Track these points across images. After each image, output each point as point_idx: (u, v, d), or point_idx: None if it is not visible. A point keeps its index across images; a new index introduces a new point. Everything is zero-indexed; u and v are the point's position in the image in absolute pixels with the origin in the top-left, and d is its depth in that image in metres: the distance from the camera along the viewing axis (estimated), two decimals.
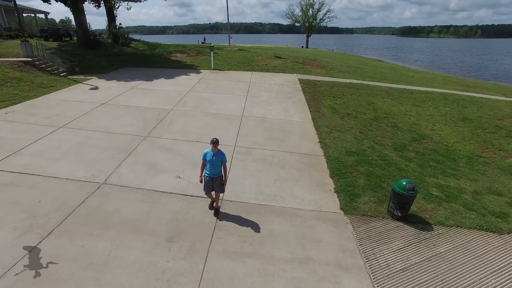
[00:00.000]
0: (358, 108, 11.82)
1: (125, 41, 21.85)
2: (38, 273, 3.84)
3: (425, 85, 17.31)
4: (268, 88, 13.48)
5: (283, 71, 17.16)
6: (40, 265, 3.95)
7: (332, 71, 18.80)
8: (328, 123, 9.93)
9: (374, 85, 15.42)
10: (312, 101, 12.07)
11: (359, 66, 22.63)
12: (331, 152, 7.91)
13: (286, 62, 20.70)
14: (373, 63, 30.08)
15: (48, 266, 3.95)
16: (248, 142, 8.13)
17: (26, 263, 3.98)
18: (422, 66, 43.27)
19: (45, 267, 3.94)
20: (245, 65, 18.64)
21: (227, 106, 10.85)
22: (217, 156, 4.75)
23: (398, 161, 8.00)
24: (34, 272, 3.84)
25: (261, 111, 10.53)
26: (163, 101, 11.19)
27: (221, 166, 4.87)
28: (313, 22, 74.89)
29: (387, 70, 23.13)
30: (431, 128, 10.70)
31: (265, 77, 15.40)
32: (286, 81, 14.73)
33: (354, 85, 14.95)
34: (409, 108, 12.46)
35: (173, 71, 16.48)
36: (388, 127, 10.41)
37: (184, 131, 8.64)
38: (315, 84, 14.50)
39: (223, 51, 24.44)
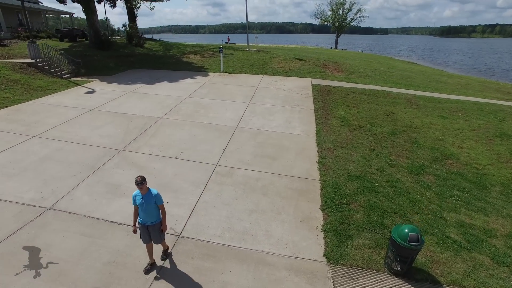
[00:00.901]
0: (373, 120, 10.50)
1: (139, 41, 21.58)
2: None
3: (458, 92, 15.50)
4: (275, 94, 12.43)
5: (297, 75, 16.02)
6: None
7: (352, 75, 17.39)
8: (334, 138, 8.74)
9: (397, 92, 13.92)
10: (322, 110, 10.88)
11: (384, 70, 20.97)
12: (329, 176, 6.76)
13: (304, 64, 19.51)
14: (402, 66, 28.07)
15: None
16: (233, 160, 7.15)
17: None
18: (459, 69, 40.22)
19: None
20: (258, 67, 17.67)
21: (224, 115, 9.94)
22: (148, 199, 3.73)
23: (411, 188, 6.71)
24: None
25: (260, 122, 9.52)
26: (156, 108, 10.47)
27: (158, 209, 3.90)
28: (343, 22, 72.84)
29: (415, 74, 21.28)
30: (458, 146, 9.21)
31: (275, 82, 14.35)
32: (297, 87, 13.60)
33: (373, 92, 13.54)
34: (435, 120, 10.95)
35: (180, 73, 15.83)
36: (406, 144, 9.05)
37: (166, 144, 7.81)
38: (329, 91, 13.26)
39: (239, 52, 23.63)
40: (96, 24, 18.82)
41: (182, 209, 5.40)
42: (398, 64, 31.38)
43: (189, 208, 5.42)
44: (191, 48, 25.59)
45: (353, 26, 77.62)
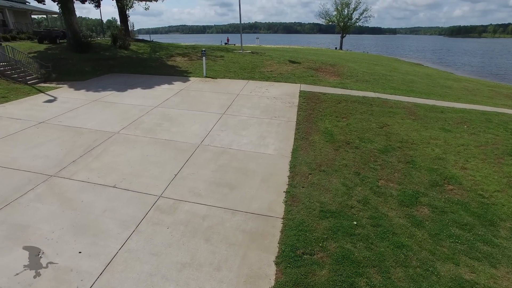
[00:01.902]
0: (364, 133, 9.25)
1: (124, 43, 20.56)
2: None
3: (464, 99, 14.14)
4: (255, 103, 11.24)
5: (286, 80, 14.81)
6: None
7: (348, 79, 16.13)
8: (312, 158, 7.51)
9: (395, 99, 12.62)
10: (305, 122, 9.66)
11: (385, 73, 19.64)
12: (296, 212, 5.54)
13: (297, 68, 18.29)
14: (406, 68, 26.66)
15: None
16: (182, 189, 5.97)
17: None
18: (468, 72, 38.61)
19: None
20: (246, 71, 16.50)
21: (189, 129, 8.77)
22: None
23: (399, 227, 5.48)
24: None
25: (229, 138, 8.33)
26: (116, 120, 9.35)
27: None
28: (348, 22, 71.68)
29: (419, 78, 19.91)
30: (461, 166, 7.93)
31: (259, 88, 13.16)
32: (283, 94, 12.39)
33: (368, 100, 12.27)
34: (435, 133, 9.65)
35: (159, 78, 14.72)
36: (399, 164, 7.80)
37: (109, 168, 6.66)
38: (318, 98, 12.02)
39: (231, 54, 22.50)
40: (74, 25, 17.83)
41: (96, 262, 4.24)
42: (403, 66, 29.98)
43: (104, 261, 4.26)
44: (181, 49, 24.53)
45: (359, 26, 76.39)
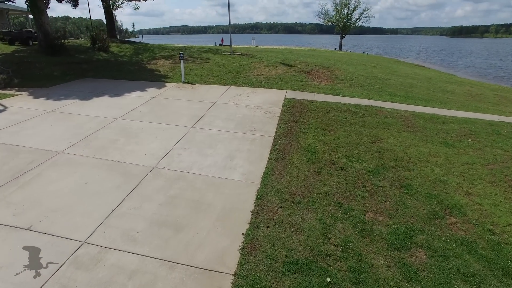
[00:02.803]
0: (353, 150, 8.05)
1: (103, 45, 19.39)
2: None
3: (467, 106, 12.93)
4: (232, 113, 10.04)
5: (272, 85, 13.62)
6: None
7: (341, 84, 14.94)
8: (287, 185, 6.31)
9: (391, 108, 11.42)
10: (284, 137, 8.45)
11: (383, 77, 18.45)
12: (254, 265, 4.34)
13: (287, 71, 17.11)
14: (405, 71, 25.46)
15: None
16: (115, 232, 4.77)
17: None
18: (471, 74, 37.39)
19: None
20: (230, 76, 15.32)
21: (147, 148, 7.57)
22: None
23: (388, 282, 4.28)
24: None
25: (190, 159, 7.12)
26: (65, 135, 8.16)
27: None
28: (348, 22, 70.93)
29: (419, 81, 18.70)
30: (466, 191, 6.74)
31: (240, 95, 11.97)
32: (265, 102, 11.20)
33: (361, 108, 11.07)
34: (436, 149, 8.46)
35: (133, 84, 13.55)
36: (393, 189, 6.61)
37: (32, 201, 5.46)
38: (304, 107, 10.82)
39: (218, 56, 21.35)
40: (45, 25, 16.67)
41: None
42: (402, 68, 28.80)
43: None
44: (168, 52, 23.40)
45: (359, 26, 75.54)
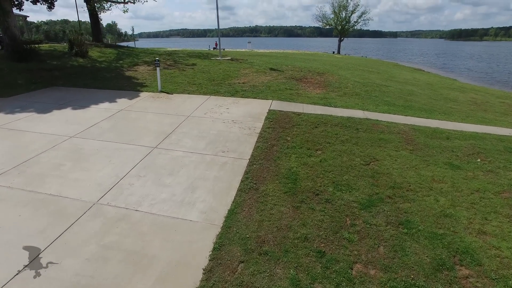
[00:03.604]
0: (342, 175, 6.84)
1: (80, 50, 18.20)
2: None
3: (473, 118, 11.74)
4: (205, 129, 8.82)
5: (257, 94, 12.42)
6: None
7: (334, 93, 13.75)
8: (255, 228, 5.07)
9: (388, 121, 10.23)
10: (262, 160, 7.23)
11: (380, 83, 17.29)
12: None
13: (276, 78, 15.93)
14: (405, 76, 24.31)
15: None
16: None
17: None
18: (473, 78, 36.29)
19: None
20: (213, 84, 14.12)
21: (95, 175, 6.34)
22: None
23: None
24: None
25: (143, 190, 5.89)
26: (0, 159, 6.92)
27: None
28: (346, 25, 70.15)
29: (419, 88, 17.53)
30: (479, 229, 5.53)
31: (219, 107, 10.76)
32: (245, 115, 9.99)
33: (354, 121, 9.87)
34: (440, 172, 7.24)
35: (104, 94, 12.35)
36: (389, 228, 5.40)
37: None
38: (290, 121, 9.61)
39: (205, 62, 20.19)
40: (12, 29, 15.49)
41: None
42: (402, 73, 27.67)
43: None
44: (154, 56, 22.21)
45: (358, 29, 74.82)
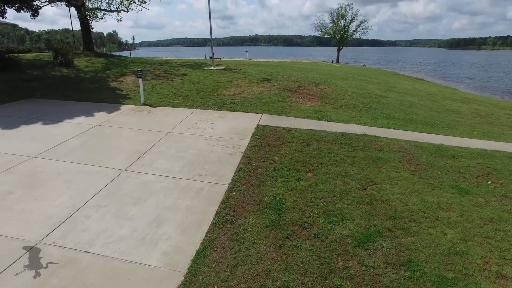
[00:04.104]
0: (335, 203, 5.99)
1: (65, 59, 17.48)
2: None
3: (479, 132, 10.93)
4: (184, 148, 7.99)
5: (247, 107, 11.63)
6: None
7: (330, 105, 12.98)
8: (226, 276, 4.20)
9: (388, 137, 9.41)
10: (243, 185, 6.38)
11: (379, 94, 16.54)
12: None
13: (269, 89, 15.19)
14: (405, 85, 23.61)
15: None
16: None
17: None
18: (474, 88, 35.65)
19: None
20: (201, 95, 13.36)
21: (47, 205, 5.49)
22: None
23: None
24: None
25: (101, 225, 5.03)
26: None
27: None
28: (345, 34, 70.04)
29: (420, 99, 16.78)
30: (496, 272, 4.71)
31: (204, 122, 9.96)
32: (231, 131, 9.18)
33: (351, 138, 9.05)
34: (446, 198, 6.40)
35: (83, 106, 11.57)
36: (388, 270, 4.54)
37: None
38: (280, 138, 8.79)
39: (197, 72, 19.49)
40: None
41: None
42: (401, 82, 27.00)
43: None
44: (143, 66, 21.54)
45: (357, 38, 74.76)
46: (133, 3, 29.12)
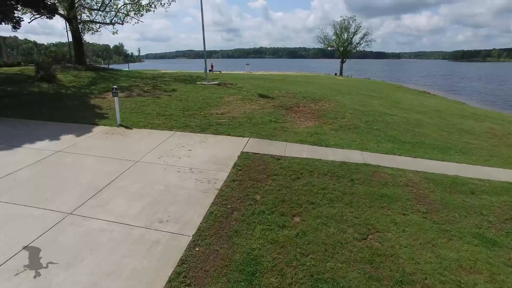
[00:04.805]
0: (326, 261, 4.71)
1: (46, 74, 16.52)
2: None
3: (499, 158, 9.62)
4: (151, 182, 6.79)
5: (234, 129, 10.46)
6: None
7: (328, 125, 11.79)
8: None
9: (393, 167, 8.15)
10: (211, 237, 5.13)
11: (384, 111, 15.34)
12: None
13: (264, 106, 14.07)
14: (410, 100, 22.38)
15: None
16: None
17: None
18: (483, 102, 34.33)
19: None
20: (186, 115, 12.23)
21: None
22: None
23: None
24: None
25: None
26: None
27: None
28: (348, 46, 69.52)
29: (428, 117, 15.52)
30: None
31: (181, 147, 8.78)
32: (210, 160, 7.97)
33: (350, 168, 7.80)
34: (469, 253, 5.10)
35: (50, 128, 10.47)
36: None
37: None
38: (265, 169, 7.56)
39: (188, 87, 18.46)
40: None
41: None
42: (406, 97, 25.80)
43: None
44: (134, 81, 20.60)
45: (360, 50, 74.30)
46: (127, 16, 28.51)
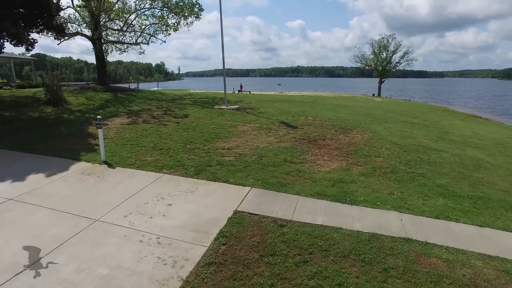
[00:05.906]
0: None
1: (53, 97, 15.65)
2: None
3: None
4: (96, 260, 4.91)
5: (235, 173, 8.47)
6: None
7: (358, 167, 9.48)
8: None
9: (449, 246, 5.69)
10: None
11: (429, 145, 12.70)
12: None
13: (282, 139, 12.04)
14: (461, 128, 19.22)
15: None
16: None
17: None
18: None
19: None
20: (186, 149, 10.48)
21: None
22: None
23: None
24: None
25: None
26: None
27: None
28: (387, 66, 66.34)
29: (487, 153, 12.60)
30: None
31: (159, 200, 6.90)
32: (191, 223, 6.00)
33: (382, 247, 5.48)
34: None
35: (25, 161, 9.15)
36: None
37: None
38: (261, 242, 5.45)
39: (204, 111, 16.91)
40: None
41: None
42: (455, 124, 22.57)
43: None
44: (147, 104, 19.46)
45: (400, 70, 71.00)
46: (152, 36, 28.11)
